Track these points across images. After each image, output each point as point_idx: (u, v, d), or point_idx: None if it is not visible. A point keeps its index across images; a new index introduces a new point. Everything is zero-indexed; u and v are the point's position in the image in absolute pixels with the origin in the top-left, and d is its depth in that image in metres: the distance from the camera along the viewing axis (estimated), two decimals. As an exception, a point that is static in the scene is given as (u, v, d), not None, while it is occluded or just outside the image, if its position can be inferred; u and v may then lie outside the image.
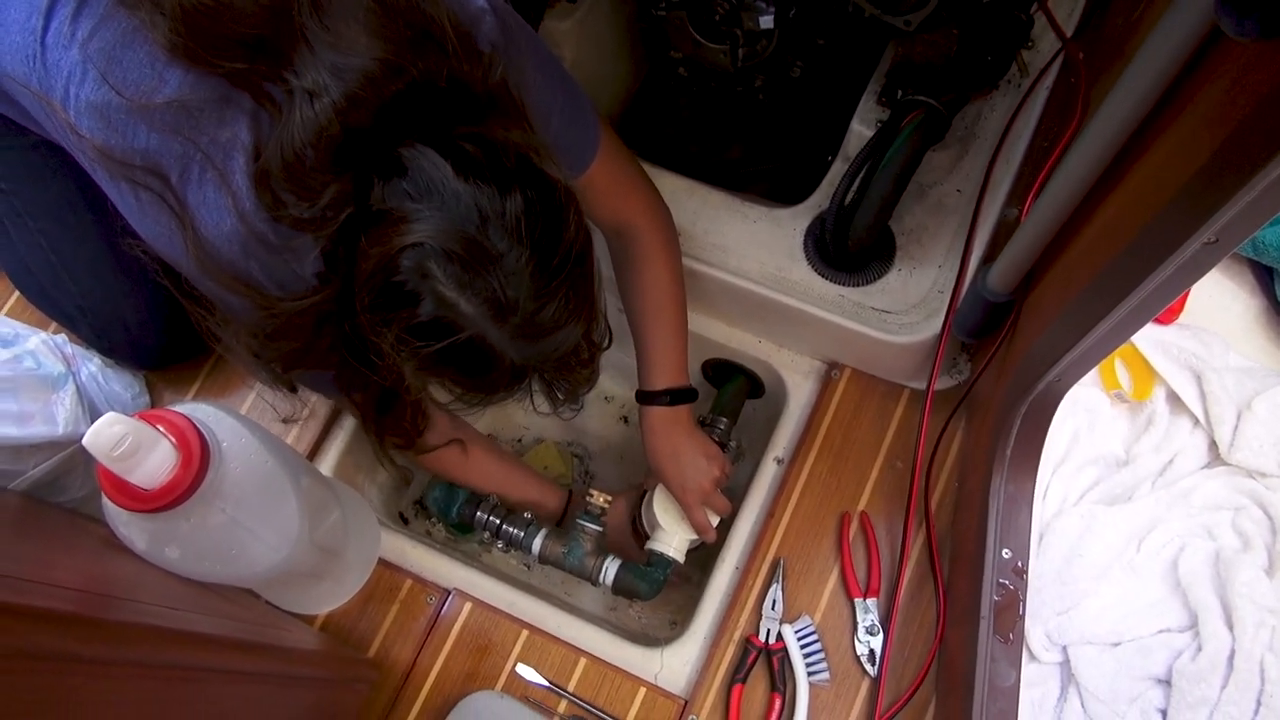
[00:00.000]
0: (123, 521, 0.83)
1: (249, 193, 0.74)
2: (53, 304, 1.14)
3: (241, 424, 0.89)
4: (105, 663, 0.54)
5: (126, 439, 0.74)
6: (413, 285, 0.69)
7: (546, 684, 1.09)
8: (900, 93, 1.19)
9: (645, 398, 1.12)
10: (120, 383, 1.18)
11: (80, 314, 1.12)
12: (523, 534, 1.22)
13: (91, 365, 1.15)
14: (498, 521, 1.24)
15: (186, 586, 0.84)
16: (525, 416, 1.56)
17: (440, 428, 1.12)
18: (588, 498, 1.21)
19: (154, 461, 0.77)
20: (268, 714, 0.80)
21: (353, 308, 0.74)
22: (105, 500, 0.80)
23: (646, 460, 1.15)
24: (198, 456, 0.80)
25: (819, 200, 1.22)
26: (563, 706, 1.08)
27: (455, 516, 1.26)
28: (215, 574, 0.87)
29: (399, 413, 0.99)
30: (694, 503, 1.13)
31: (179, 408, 0.84)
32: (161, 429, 0.78)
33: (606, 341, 0.89)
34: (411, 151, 0.69)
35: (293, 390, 0.96)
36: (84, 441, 0.73)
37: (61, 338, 1.13)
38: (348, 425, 1.25)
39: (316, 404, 1.24)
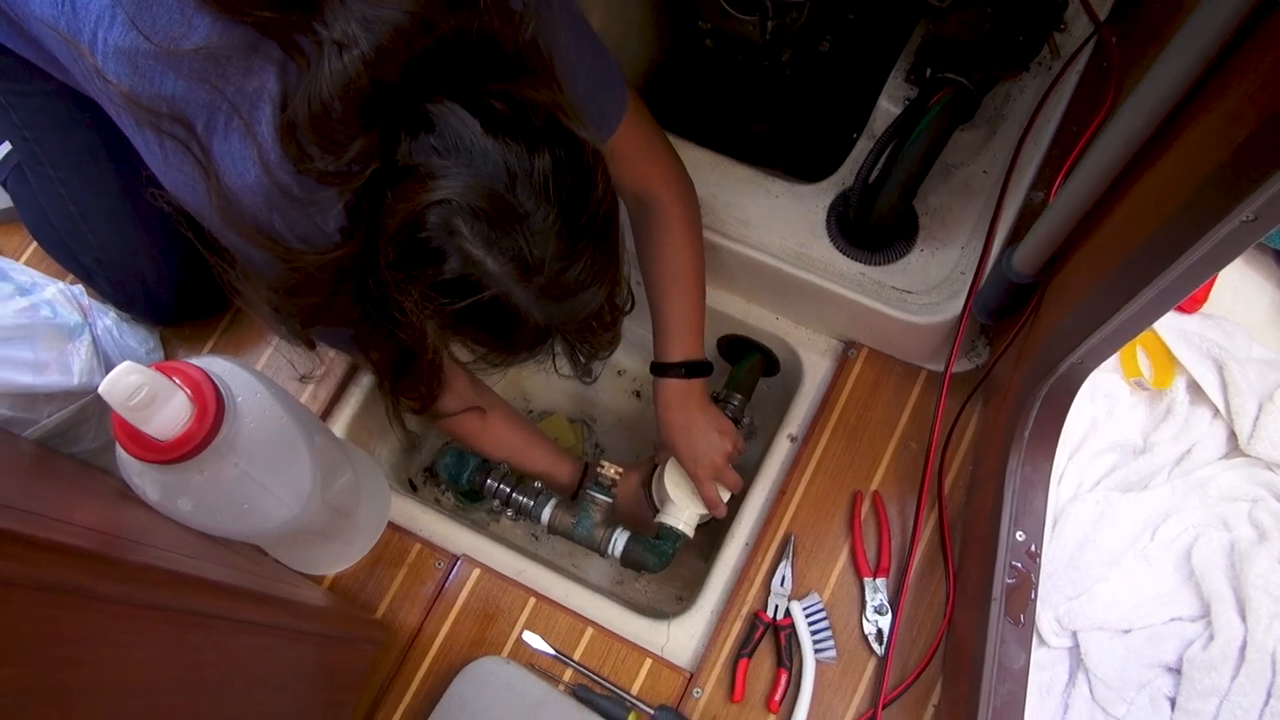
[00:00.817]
0: (136, 472, 0.83)
1: (274, 144, 0.73)
2: (71, 256, 1.14)
3: (257, 379, 0.88)
4: (119, 601, 0.54)
5: (143, 389, 0.74)
6: (439, 242, 0.69)
7: (553, 652, 1.09)
8: (929, 71, 1.18)
9: (660, 369, 1.11)
10: (135, 338, 1.18)
11: (98, 266, 1.12)
12: (532, 503, 1.22)
13: (107, 319, 1.15)
14: (508, 490, 1.24)
15: (198, 538, 0.84)
16: (537, 387, 1.56)
17: (459, 392, 1.11)
18: (599, 469, 1.21)
19: (169, 413, 0.77)
20: (275, 665, 0.80)
21: (376, 264, 0.73)
22: (119, 450, 0.80)
23: (658, 433, 1.14)
24: (213, 410, 0.79)
25: (843, 177, 1.21)
26: (568, 675, 1.08)
27: (465, 483, 1.26)
28: (227, 528, 0.87)
29: (415, 374, 0.99)
30: (705, 477, 1.12)
31: (195, 361, 0.84)
32: (178, 381, 0.78)
33: (629, 305, 0.88)
34: (440, 108, 0.69)
35: (311, 347, 0.96)
36: (100, 390, 0.73)
37: (79, 288, 1.13)
38: (362, 387, 1.25)
39: (333, 363, 1.23)
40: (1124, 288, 0.74)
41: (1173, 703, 0.94)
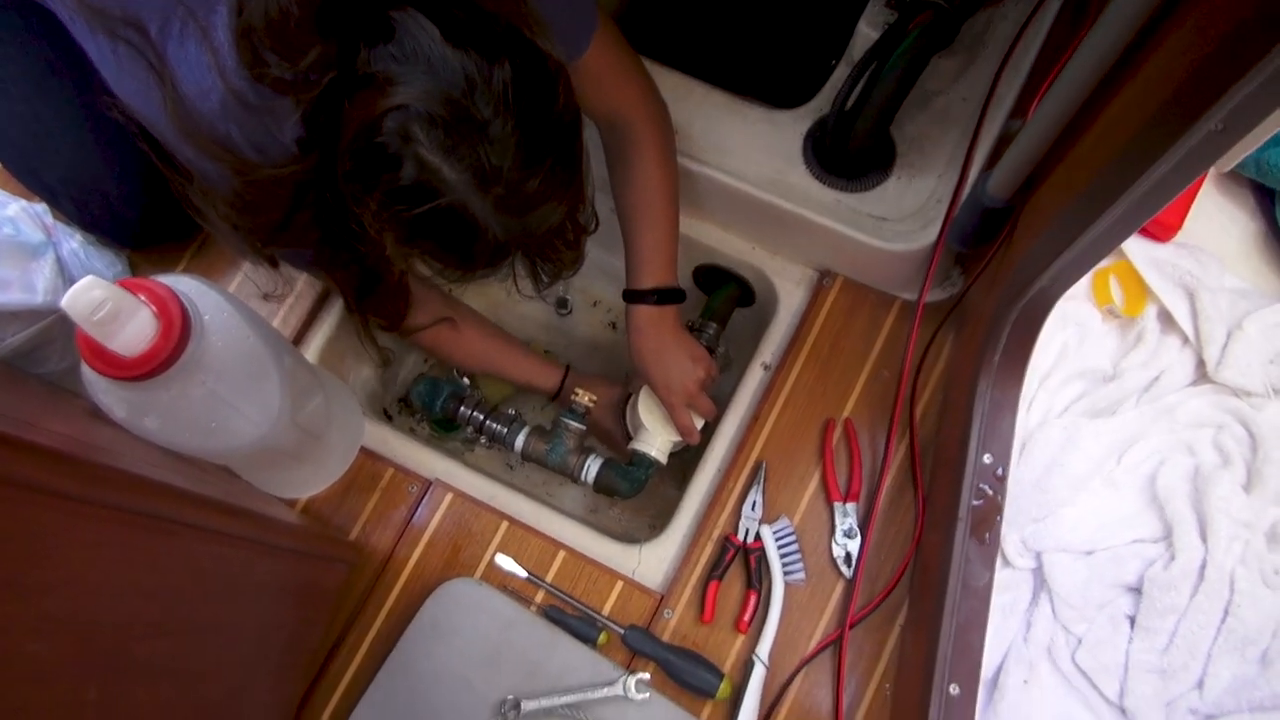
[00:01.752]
0: (102, 389, 0.82)
1: (231, 50, 0.71)
2: (35, 176, 1.11)
3: (224, 299, 0.87)
4: (84, 501, 0.53)
5: (106, 304, 0.73)
6: (395, 148, 0.68)
7: (525, 574, 1.10)
8: (911, -6, 1.16)
9: (632, 296, 1.11)
10: (102, 261, 1.16)
11: (61, 186, 1.09)
12: (506, 430, 1.22)
13: (73, 242, 1.13)
14: (481, 417, 1.24)
15: (168, 455, 0.84)
16: (512, 319, 1.55)
17: (428, 306, 1.11)
18: (572, 396, 1.21)
19: (134, 329, 0.76)
20: (244, 578, 0.80)
21: (334, 176, 0.72)
22: (84, 367, 0.79)
23: (631, 361, 1.14)
24: (178, 327, 0.78)
25: (820, 104, 1.20)
26: (540, 596, 1.10)
27: (439, 411, 1.25)
28: (195, 446, 0.86)
29: (382, 293, 0.98)
30: (678, 404, 1.13)
31: (161, 279, 0.82)
32: (142, 297, 0.77)
33: (593, 225, 0.88)
34: (401, 14, 0.67)
35: (274, 266, 0.95)
36: (62, 303, 0.71)
37: (42, 207, 1.11)
38: (334, 313, 1.24)
39: (303, 290, 1.22)
40: (1094, 205, 0.73)
41: (1132, 621, 0.96)
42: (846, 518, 1.10)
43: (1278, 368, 1.03)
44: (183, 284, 0.86)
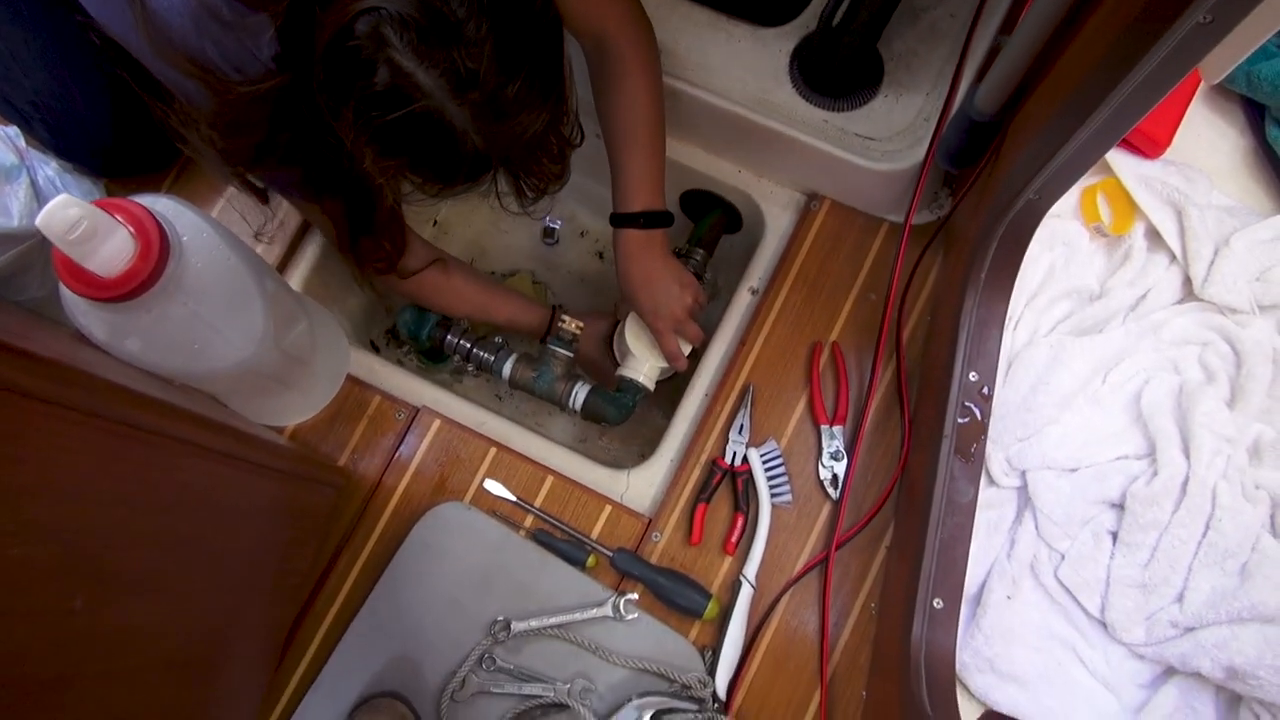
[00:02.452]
0: (81, 311, 0.81)
1: None
2: (6, 101, 1.09)
3: (203, 220, 0.86)
4: (62, 405, 0.53)
5: (81, 222, 0.72)
6: (368, 52, 0.66)
7: (514, 499, 1.10)
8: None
9: (619, 220, 1.08)
10: (79, 189, 1.14)
11: (34, 111, 1.07)
12: (493, 358, 1.22)
13: (49, 169, 1.11)
14: (468, 345, 1.23)
15: (151, 377, 0.83)
16: (498, 248, 1.54)
17: (418, 250, 1.09)
18: (560, 323, 1.20)
19: (111, 248, 0.75)
20: (230, 495, 0.80)
21: (311, 90, 0.71)
22: (63, 288, 0.78)
23: (619, 285, 1.13)
24: (157, 247, 0.77)
25: (806, 21, 1.17)
26: (529, 521, 1.10)
27: (426, 340, 1.25)
28: (177, 368, 0.86)
29: (377, 229, 0.96)
30: (665, 329, 1.12)
31: (138, 199, 0.81)
32: (119, 217, 0.76)
33: (578, 138, 0.86)
34: None
35: (264, 200, 0.93)
36: (37, 222, 0.70)
37: (14, 130, 1.08)
38: (316, 243, 1.23)
39: (285, 221, 1.21)
40: (1080, 110, 0.72)
41: (1114, 537, 0.97)
42: (833, 440, 1.10)
43: (1264, 285, 1.03)
44: (160, 204, 0.84)
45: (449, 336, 1.24)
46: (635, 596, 1.05)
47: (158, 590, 0.71)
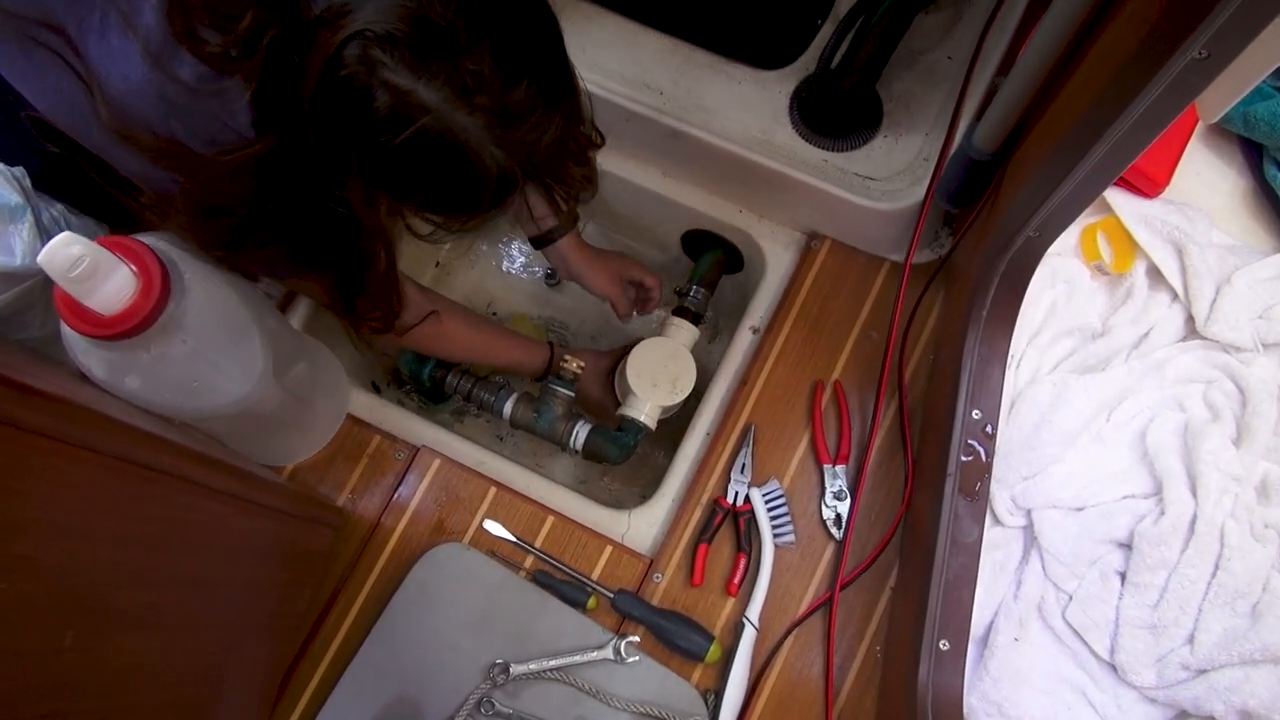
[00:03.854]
0: (81, 349, 0.81)
1: (161, 31, 0.67)
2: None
3: (205, 257, 0.86)
4: (57, 439, 0.53)
5: (83, 260, 0.72)
6: (361, 80, 0.62)
7: (514, 539, 1.09)
8: (896, -48, 1.15)
9: (542, 240, 1.18)
10: (83, 229, 1.15)
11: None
12: (494, 398, 1.21)
13: (55, 209, 1.11)
14: (469, 385, 1.23)
15: (151, 415, 0.83)
16: (500, 290, 1.55)
17: (413, 301, 1.06)
18: (562, 362, 1.20)
19: (113, 286, 0.75)
20: (226, 533, 0.79)
21: (303, 145, 0.67)
22: (63, 326, 0.78)
23: (576, 278, 1.25)
24: (158, 285, 0.77)
25: (806, 63, 1.19)
26: (529, 562, 1.09)
27: (427, 380, 1.25)
28: (177, 406, 0.85)
29: (373, 288, 0.92)
30: (619, 295, 1.27)
31: (140, 237, 0.81)
32: (121, 255, 0.76)
33: (598, 139, 0.83)
34: None
35: (254, 279, 0.90)
36: (39, 259, 0.70)
37: (20, 170, 1.09)
38: (318, 282, 1.23)
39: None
40: (1078, 147, 0.73)
41: (1123, 577, 0.96)
42: (836, 479, 1.09)
43: (1266, 322, 1.02)
44: (162, 242, 0.84)
45: (449, 377, 1.24)
46: (636, 639, 1.03)
47: (152, 628, 0.70)
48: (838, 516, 1.08)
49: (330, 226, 0.75)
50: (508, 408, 1.20)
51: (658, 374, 1.19)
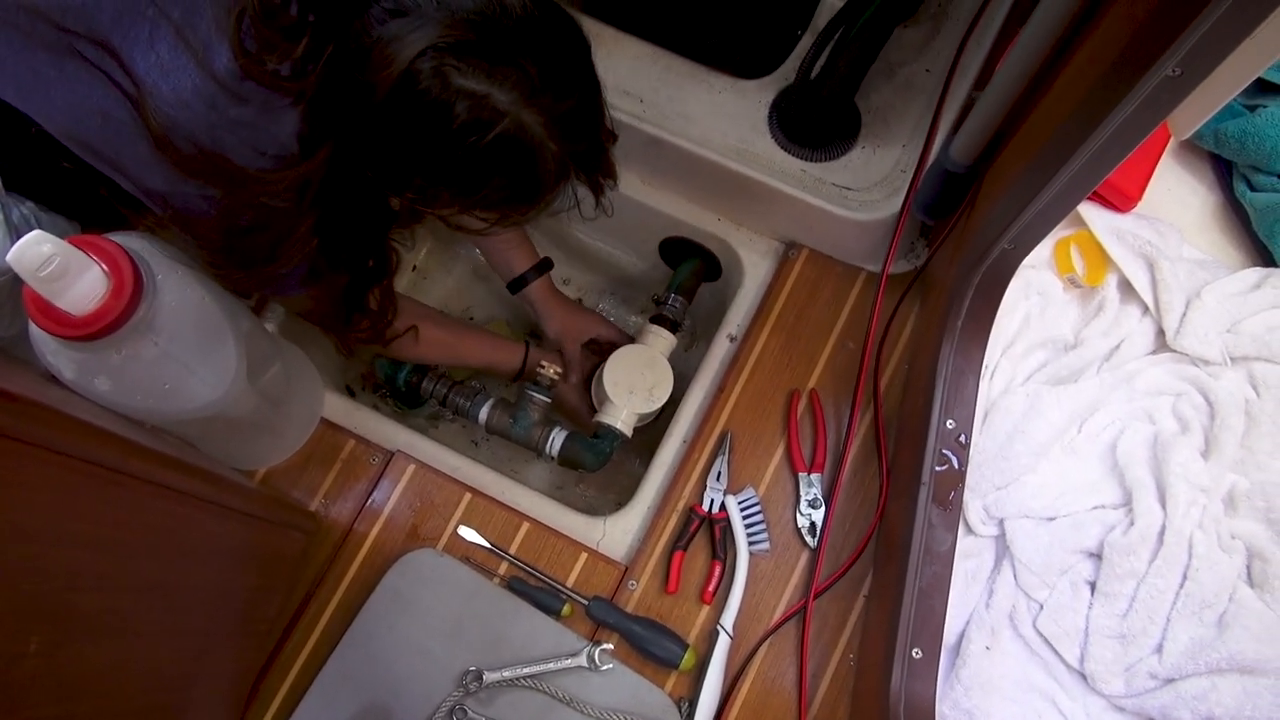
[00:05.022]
0: (50, 350, 0.80)
1: (219, 43, 0.67)
2: None
3: (177, 258, 0.85)
4: (23, 440, 0.52)
5: (54, 259, 0.71)
6: (437, 93, 0.65)
7: (488, 546, 1.09)
8: (875, -35, 1.16)
9: (518, 283, 1.23)
10: (54, 227, 1.13)
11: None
12: (470, 403, 1.21)
13: (24, 207, 1.10)
14: (445, 390, 1.23)
15: (121, 417, 0.82)
16: (477, 296, 1.54)
17: (405, 312, 1.06)
18: (539, 368, 1.20)
19: (83, 286, 0.74)
20: (196, 537, 0.78)
21: (362, 157, 0.70)
22: (32, 326, 0.77)
23: (547, 329, 1.26)
24: (130, 285, 0.76)
25: (785, 73, 1.19)
26: (503, 568, 1.08)
27: (402, 384, 1.24)
28: (148, 409, 0.84)
29: (378, 299, 0.94)
30: (579, 338, 1.28)
31: (113, 236, 0.80)
32: (92, 254, 0.75)
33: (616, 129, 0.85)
34: None
35: (245, 297, 0.90)
36: (8, 258, 0.69)
37: (-11, 168, 1.07)
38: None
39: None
40: (1052, 161, 0.74)
41: (1093, 586, 0.97)
42: (811, 488, 1.10)
43: (1234, 336, 1.04)
44: (134, 242, 0.83)
45: (425, 381, 1.23)
46: (610, 646, 1.03)
47: (118, 634, 0.69)
48: (812, 524, 1.08)
49: (364, 237, 0.78)
50: (483, 413, 1.20)
51: (635, 381, 1.19)
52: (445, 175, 0.71)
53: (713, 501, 1.10)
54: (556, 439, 1.18)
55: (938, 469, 0.93)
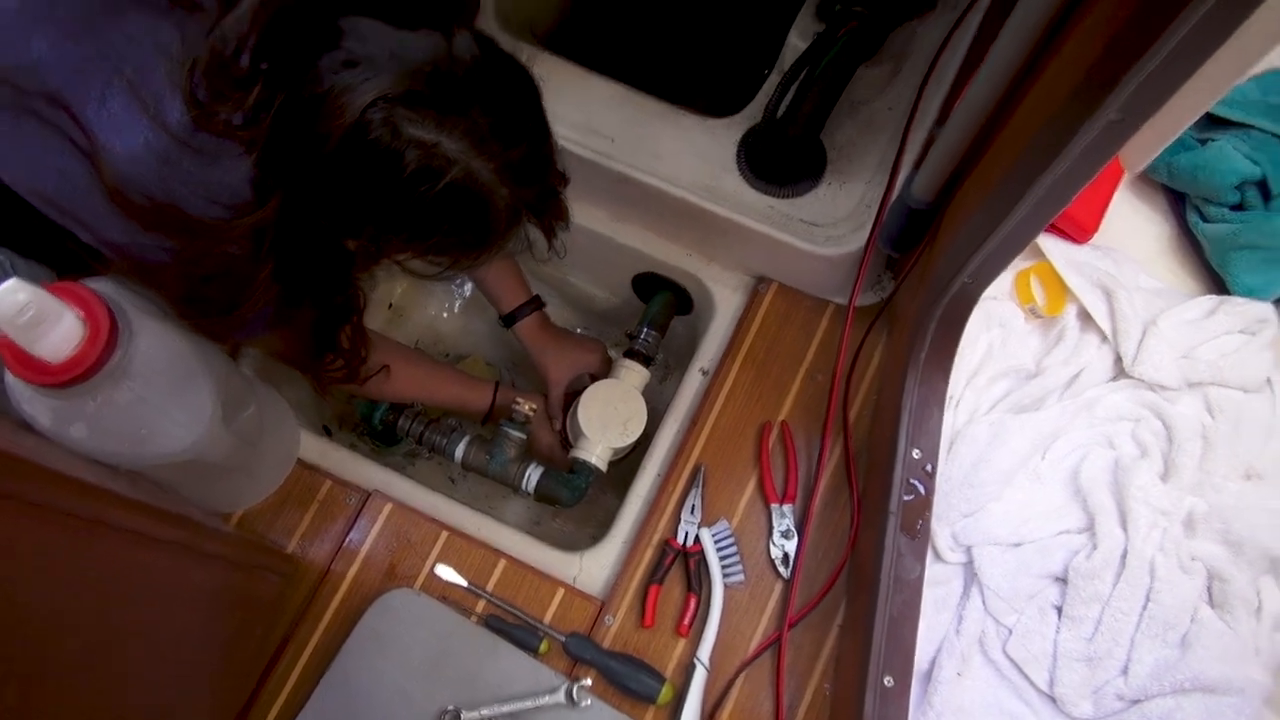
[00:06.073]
0: (25, 398, 0.80)
1: (171, 95, 0.68)
2: None
3: (152, 303, 0.86)
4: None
5: (30, 308, 0.71)
6: (388, 142, 0.66)
7: (465, 584, 1.09)
8: (838, 5, 1.19)
9: (510, 319, 1.24)
10: (30, 275, 1.14)
11: None
12: (446, 440, 1.22)
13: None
14: (421, 428, 1.24)
15: (96, 463, 0.82)
16: (452, 330, 1.55)
17: (378, 350, 1.05)
18: (514, 405, 1.21)
19: (59, 334, 0.74)
20: (172, 583, 0.79)
21: (315, 204, 0.70)
22: (7, 375, 0.78)
23: (539, 367, 1.27)
24: (105, 332, 0.77)
25: (753, 112, 1.22)
26: (481, 606, 1.09)
27: (379, 422, 1.25)
28: (124, 455, 0.85)
29: (345, 337, 0.94)
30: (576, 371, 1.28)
31: (87, 282, 0.81)
32: (68, 301, 0.76)
33: (568, 172, 0.86)
34: (347, 21, 0.67)
35: (221, 344, 0.91)
36: (-20, 307, 0.70)
37: (-37, 217, 1.08)
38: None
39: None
40: (1006, 200, 0.76)
41: (1059, 611, 0.99)
42: (784, 519, 1.11)
43: (1190, 362, 1.07)
44: (108, 287, 0.84)
45: (401, 420, 1.24)
46: (589, 682, 1.03)
47: (95, 680, 0.69)
48: (785, 555, 1.10)
49: (325, 279, 0.79)
50: (459, 450, 1.21)
51: (609, 416, 1.21)
52: (397, 222, 0.71)
53: (687, 534, 1.11)
54: (532, 475, 1.19)
55: (905, 498, 0.95)
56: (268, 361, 1.23)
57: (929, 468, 0.97)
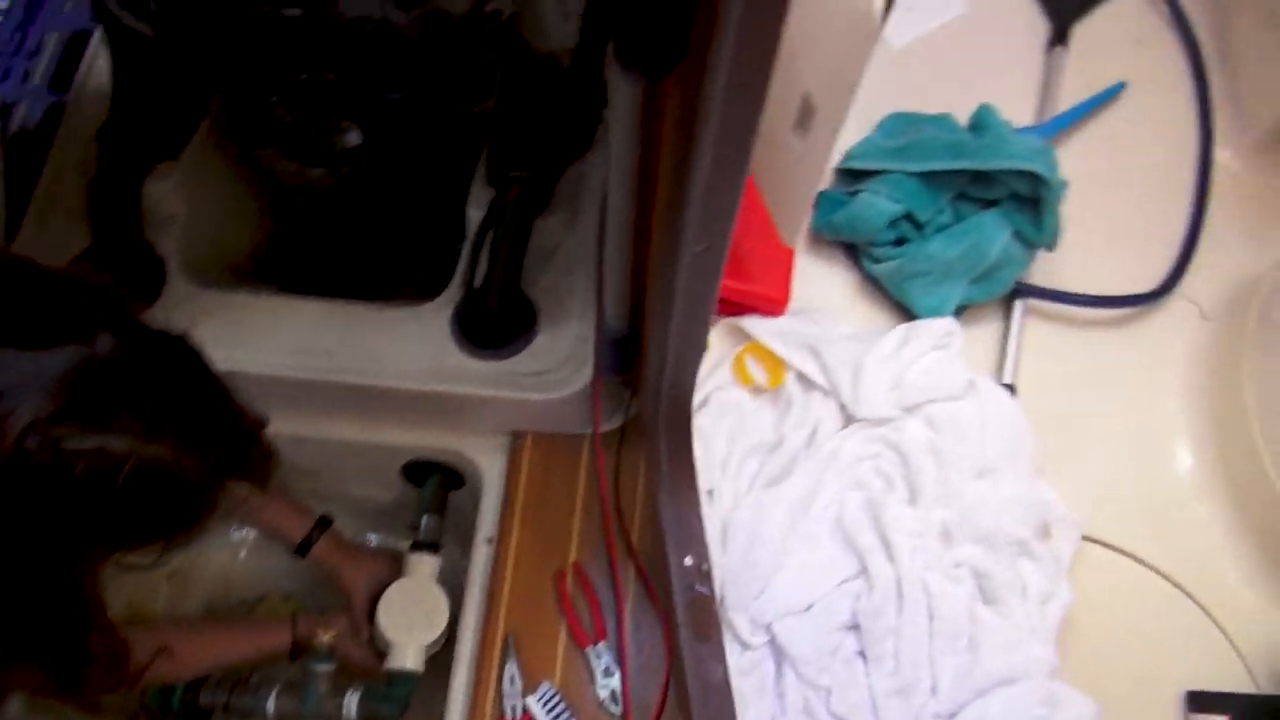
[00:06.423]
0: None
1: None
2: None
3: None
4: None
5: None
6: (51, 459, 0.64)
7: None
8: (505, 172, 1.28)
9: (304, 547, 1.24)
10: None
11: None
12: (254, 699, 1.18)
13: None
14: (225, 696, 1.19)
15: None
16: (242, 573, 1.51)
17: (139, 645, 0.99)
18: (313, 639, 1.18)
19: None
20: None
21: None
22: None
23: (339, 587, 1.25)
24: None
25: (457, 288, 1.27)
26: None
27: (178, 704, 1.19)
28: None
29: (96, 651, 0.89)
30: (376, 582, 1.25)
31: None
32: None
33: (261, 419, 0.85)
34: None
35: None
36: None
37: None
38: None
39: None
40: (662, 314, 0.83)
41: (862, 655, 1.05)
42: (600, 658, 1.13)
43: (900, 390, 1.17)
44: None
45: (202, 694, 1.19)
46: None
47: None
48: (613, 693, 1.11)
49: (45, 609, 0.74)
50: (270, 706, 1.17)
51: (412, 615, 1.20)
52: (93, 531, 0.70)
53: (514, 709, 1.11)
54: (351, 702, 1.16)
55: (690, 604, 0.99)
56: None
57: (704, 567, 1.01)
